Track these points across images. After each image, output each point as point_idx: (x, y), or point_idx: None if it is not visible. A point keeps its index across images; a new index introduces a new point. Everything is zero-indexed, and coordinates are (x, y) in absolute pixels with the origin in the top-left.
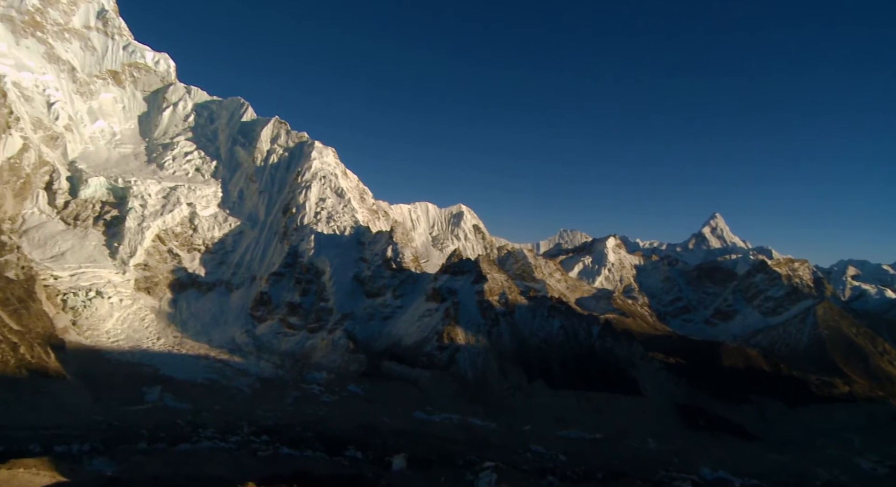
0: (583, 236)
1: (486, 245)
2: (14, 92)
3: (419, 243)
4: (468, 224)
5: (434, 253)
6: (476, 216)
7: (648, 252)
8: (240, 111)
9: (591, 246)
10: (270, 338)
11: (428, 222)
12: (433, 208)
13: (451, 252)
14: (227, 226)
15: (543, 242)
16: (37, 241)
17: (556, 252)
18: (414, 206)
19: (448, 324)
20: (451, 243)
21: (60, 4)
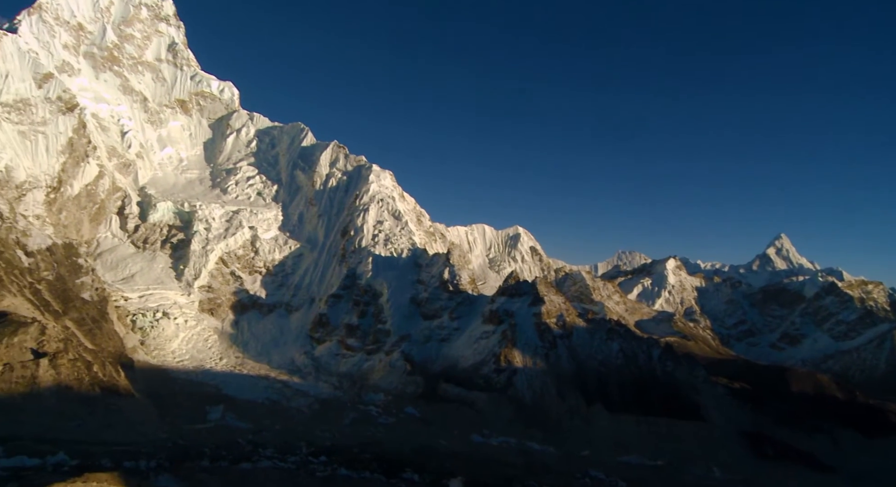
0: (642, 258)
1: (543, 267)
2: (92, 123)
3: (476, 265)
4: (525, 246)
5: (491, 276)
6: (533, 238)
7: (710, 273)
8: (300, 136)
9: (650, 268)
10: (329, 360)
11: (485, 244)
12: (490, 230)
13: (508, 274)
14: (287, 248)
15: (601, 264)
16: (109, 264)
17: (614, 274)
18: (471, 228)
19: (505, 347)
20: (508, 265)
21: (135, 39)
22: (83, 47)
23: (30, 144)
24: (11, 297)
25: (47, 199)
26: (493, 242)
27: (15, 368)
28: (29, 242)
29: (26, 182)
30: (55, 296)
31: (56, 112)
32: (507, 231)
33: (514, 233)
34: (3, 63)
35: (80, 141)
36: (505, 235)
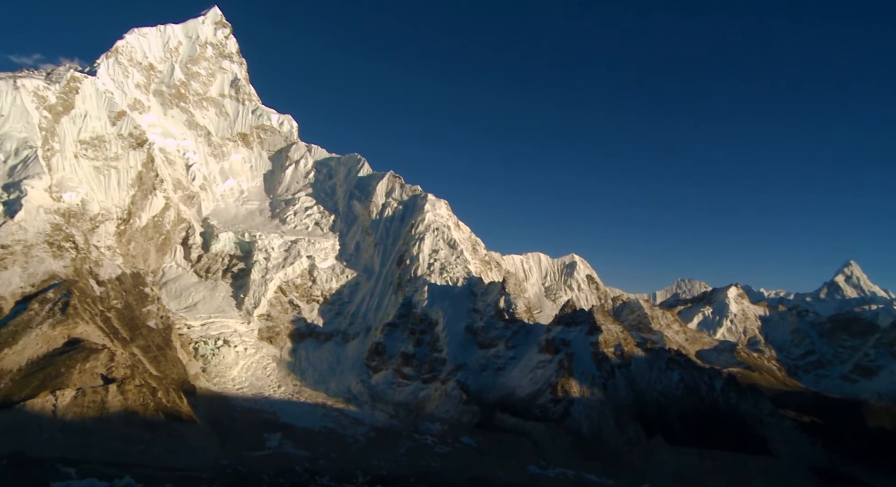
0: (701, 285)
1: (599, 295)
2: (160, 157)
3: (532, 294)
4: (581, 274)
5: (547, 304)
6: (589, 266)
7: (774, 302)
8: (356, 167)
9: (710, 296)
10: (385, 388)
11: (540, 272)
12: (545, 258)
13: (565, 302)
14: (344, 277)
15: (660, 292)
16: (174, 293)
17: (673, 302)
18: (526, 257)
19: (562, 376)
20: (564, 294)
21: (201, 77)
22: (153, 85)
23: (103, 179)
24: (84, 324)
25: (118, 231)
26: (549, 270)
27: (87, 393)
28: (101, 272)
29: (99, 214)
30: (123, 324)
31: (127, 148)
32: (562, 259)
33: (570, 261)
34: (83, 104)
35: (148, 174)
36: (561, 263)
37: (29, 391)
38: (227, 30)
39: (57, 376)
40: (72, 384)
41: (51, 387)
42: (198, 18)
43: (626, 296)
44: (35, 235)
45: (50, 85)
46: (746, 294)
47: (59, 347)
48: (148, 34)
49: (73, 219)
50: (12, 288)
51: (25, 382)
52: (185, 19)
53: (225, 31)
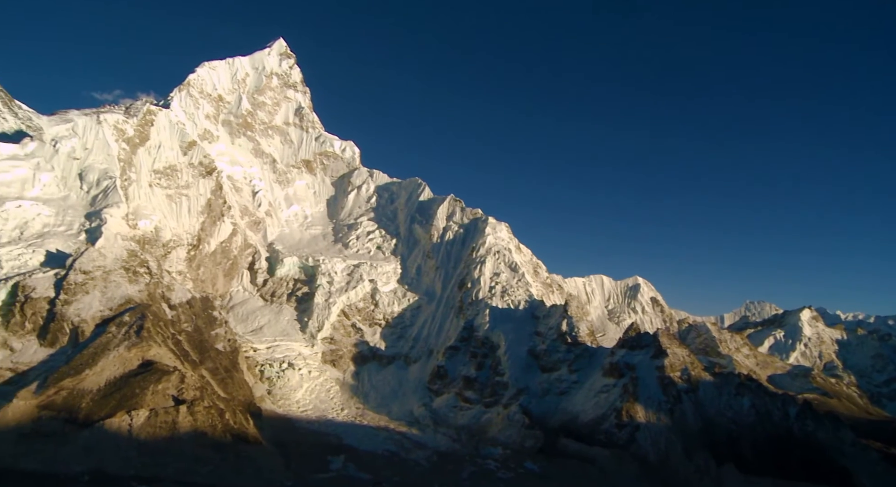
0: (772, 308)
1: (664, 318)
2: (228, 184)
3: (594, 317)
4: (645, 296)
5: (610, 327)
6: (653, 288)
7: (852, 325)
8: (417, 191)
9: (782, 319)
10: (447, 412)
11: (603, 295)
12: (608, 281)
13: (628, 325)
14: (405, 301)
15: (727, 315)
16: (240, 316)
17: (742, 325)
18: (588, 279)
19: (627, 401)
20: (627, 316)
21: (266, 106)
22: (222, 116)
23: (175, 206)
24: (157, 347)
25: (188, 256)
26: (612, 293)
27: (159, 413)
28: (172, 296)
29: (171, 240)
30: (193, 347)
31: (197, 176)
32: (626, 281)
33: (634, 283)
34: (158, 135)
35: (217, 201)
36: (624, 286)
37: (107, 410)
38: (291, 60)
39: (132, 397)
40: (145, 404)
41: (126, 407)
42: (264, 50)
43: (693, 319)
44: (113, 261)
45: (128, 118)
46: (821, 316)
47: (134, 368)
48: (217, 67)
49: (148, 245)
50: (92, 312)
51: (104, 402)
52: (253, 51)
53: (289, 62)
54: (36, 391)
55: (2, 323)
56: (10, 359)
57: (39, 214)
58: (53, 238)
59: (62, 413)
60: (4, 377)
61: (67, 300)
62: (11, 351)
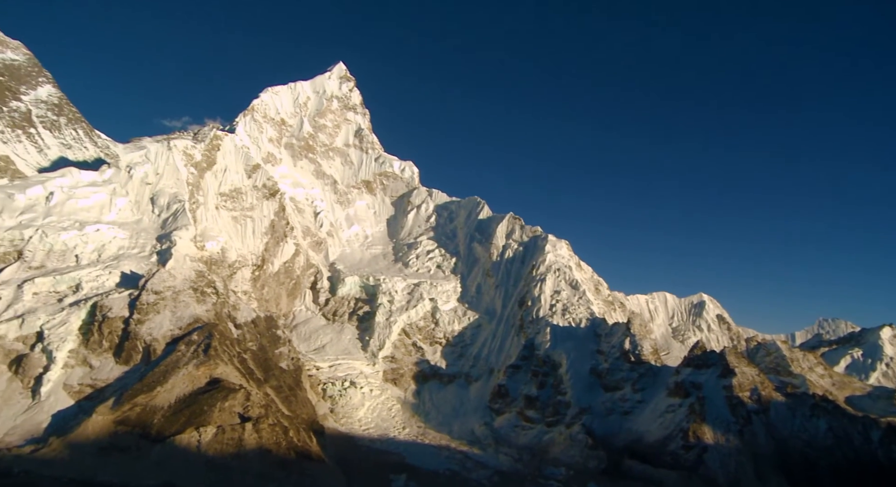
0: (848, 326)
1: (731, 336)
2: (290, 206)
3: (658, 335)
4: (711, 314)
5: (675, 346)
6: (719, 305)
7: None
8: (476, 210)
9: (860, 337)
10: (508, 431)
11: (667, 313)
12: (672, 298)
13: (694, 343)
14: (465, 319)
15: (799, 333)
16: (303, 335)
17: (815, 343)
18: (651, 297)
19: (694, 421)
20: (692, 334)
21: (327, 129)
22: (284, 139)
23: (240, 228)
24: (224, 365)
25: (253, 276)
26: (676, 310)
27: (226, 430)
28: (238, 315)
29: (236, 261)
30: (258, 365)
31: (261, 198)
32: (690, 298)
33: (699, 300)
34: (224, 159)
35: (280, 223)
36: (688, 303)
37: (177, 426)
38: (351, 83)
39: (200, 414)
40: (213, 421)
41: (195, 424)
42: (324, 74)
43: (761, 337)
44: (182, 282)
45: (196, 144)
46: None
47: (202, 386)
48: (280, 92)
49: (214, 266)
50: (163, 331)
51: (174, 418)
52: (314, 75)
53: (349, 85)
54: (112, 406)
55: (82, 341)
56: (90, 376)
57: (115, 237)
58: (128, 260)
59: (136, 428)
60: (84, 393)
61: (140, 319)
62: (91, 368)
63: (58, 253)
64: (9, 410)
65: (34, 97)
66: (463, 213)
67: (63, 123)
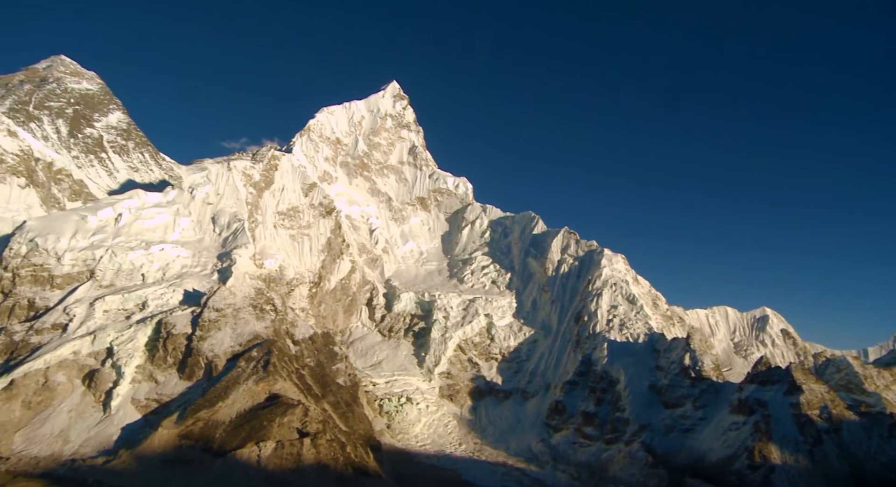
0: None
1: (798, 351)
2: (346, 223)
3: (719, 350)
4: (775, 328)
5: (737, 361)
6: (783, 319)
7: None
8: (531, 225)
9: None
10: (566, 448)
11: (728, 327)
12: (733, 312)
13: (757, 359)
14: (521, 335)
15: (872, 348)
16: (360, 351)
17: (890, 359)
18: (711, 311)
19: (759, 440)
20: (755, 350)
21: (381, 147)
22: (340, 158)
23: (297, 246)
24: (282, 381)
25: (310, 293)
26: (738, 325)
27: (285, 445)
28: (296, 332)
29: (294, 278)
30: (315, 381)
31: (318, 216)
32: (752, 312)
33: (762, 314)
34: (281, 179)
35: (336, 240)
36: (750, 317)
37: (238, 441)
38: (404, 101)
39: (260, 429)
40: (272, 436)
41: (255, 439)
42: (378, 93)
43: (830, 353)
44: (242, 299)
45: (255, 164)
46: None
47: (261, 402)
48: (335, 112)
49: (273, 283)
50: (224, 347)
51: (235, 433)
52: (368, 95)
53: (403, 103)
54: (177, 421)
55: (148, 357)
56: (156, 391)
57: (179, 256)
58: (190, 278)
59: (199, 442)
60: (150, 407)
61: (202, 336)
62: (156, 384)
63: (126, 272)
64: (83, 423)
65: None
66: (517, 228)
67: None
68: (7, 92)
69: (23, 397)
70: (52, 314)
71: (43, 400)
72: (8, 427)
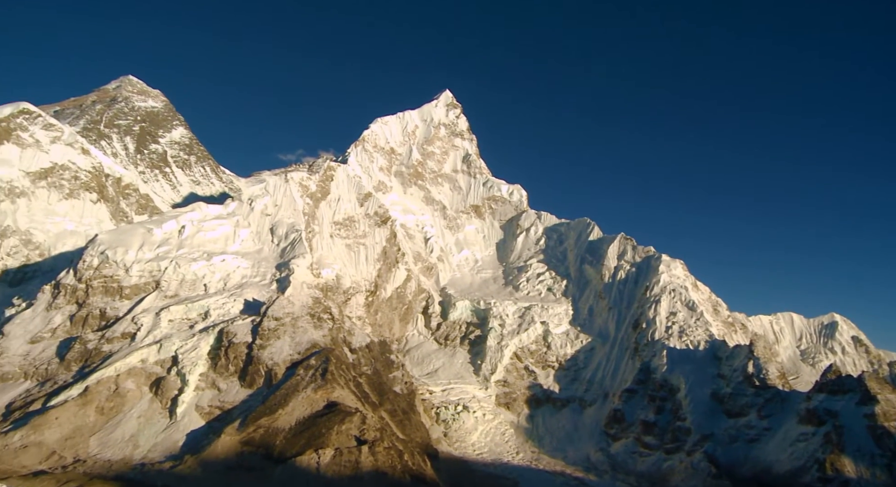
0: None
1: (871, 359)
2: (401, 232)
3: (784, 357)
4: (845, 335)
5: (804, 369)
6: (854, 326)
7: None
8: (586, 231)
9: None
10: (625, 458)
11: (793, 334)
12: (799, 318)
13: (826, 367)
14: (578, 342)
15: None
16: (416, 359)
17: None
18: (776, 317)
19: (831, 452)
20: (824, 357)
21: (435, 156)
22: (394, 167)
23: (353, 255)
24: (340, 389)
25: (366, 302)
26: (804, 332)
27: (343, 453)
28: (353, 340)
29: (350, 287)
30: (373, 389)
31: (373, 226)
32: (820, 319)
33: (830, 320)
34: (337, 189)
35: (391, 249)
36: (818, 323)
37: (297, 448)
38: (457, 110)
39: (319, 436)
40: (331, 444)
41: (314, 446)
42: (431, 102)
43: None
44: (300, 308)
45: (311, 175)
46: None
47: (320, 409)
48: (389, 122)
49: (330, 292)
50: (283, 356)
51: (295, 440)
52: (421, 104)
53: (456, 112)
54: (239, 428)
55: (211, 365)
56: (218, 398)
57: (239, 267)
58: (250, 288)
59: (260, 449)
60: (213, 414)
61: (262, 344)
62: (219, 391)
63: (189, 283)
64: (151, 428)
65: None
66: (573, 235)
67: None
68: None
69: (96, 403)
70: (122, 323)
71: (114, 405)
72: (84, 431)
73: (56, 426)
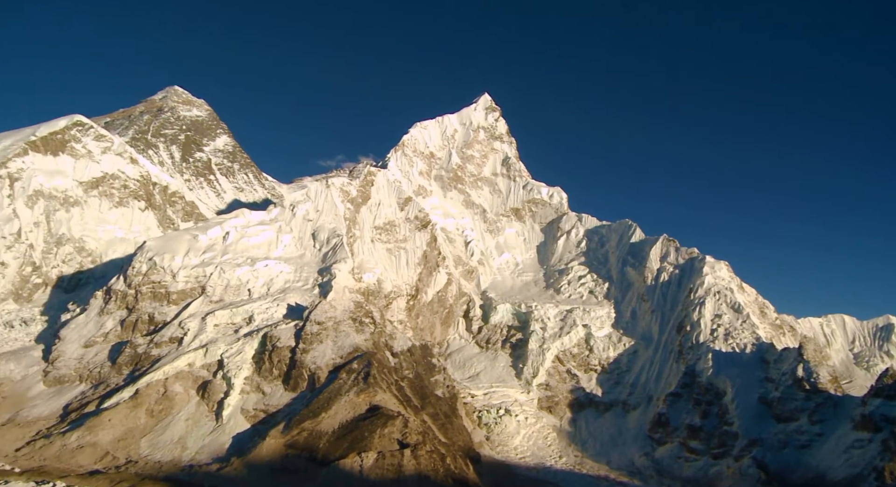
0: None
1: None
2: (441, 236)
3: (836, 361)
4: None
5: (858, 373)
6: None
7: None
8: (628, 233)
9: None
10: (671, 463)
11: (846, 337)
12: (851, 321)
13: (882, 371)
14: (621, 345)
15: None
16: (457, 363)
17: None
18: (826, 319)
19: (890, 460)
20: (879, 361)
21: (474, 159)
22: (434, 171)
23: (394, 259)
24: (382, 393)
25: (407, 306)
26: (857, 334)
27: (386, 456)
28: (394, 344)
29: (392, 292)
30: (414, 393)
31: (414, 230)
32: (874, 321)
33: (885, 323)
34: (377, 194)
35: (432, 253)
36: (872, 326)
37: (340, 451)
38: (496, 113)
39: (362, 439)
40: (373, 447)
41: (357, 449)
42: (470, 106)
43: None
44: (342, 312)
45: (351, 181)
46: None
47: (362, 413)
48: (428, 126)
49: (371, 296)
50: (326, 360)
51: (338, 443)
52: (460, 108)
53: (495, 115)
54: (283, 431)
55: (255, 369)
56: (263, 402)
57: (282, 272)
58: (293, 292)
59: (304, 452)
60: (258, 417)
61: (305, 348)
62: (263, 395)
63: (234, 288)
64: (198, 431)
65: (213, 147)
66: (614, 237)
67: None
68: (130, 123)
69: (146, 405)
70: (169, 328)
71: (163, 408)
72: (135, 433)
73: (109, 427)
